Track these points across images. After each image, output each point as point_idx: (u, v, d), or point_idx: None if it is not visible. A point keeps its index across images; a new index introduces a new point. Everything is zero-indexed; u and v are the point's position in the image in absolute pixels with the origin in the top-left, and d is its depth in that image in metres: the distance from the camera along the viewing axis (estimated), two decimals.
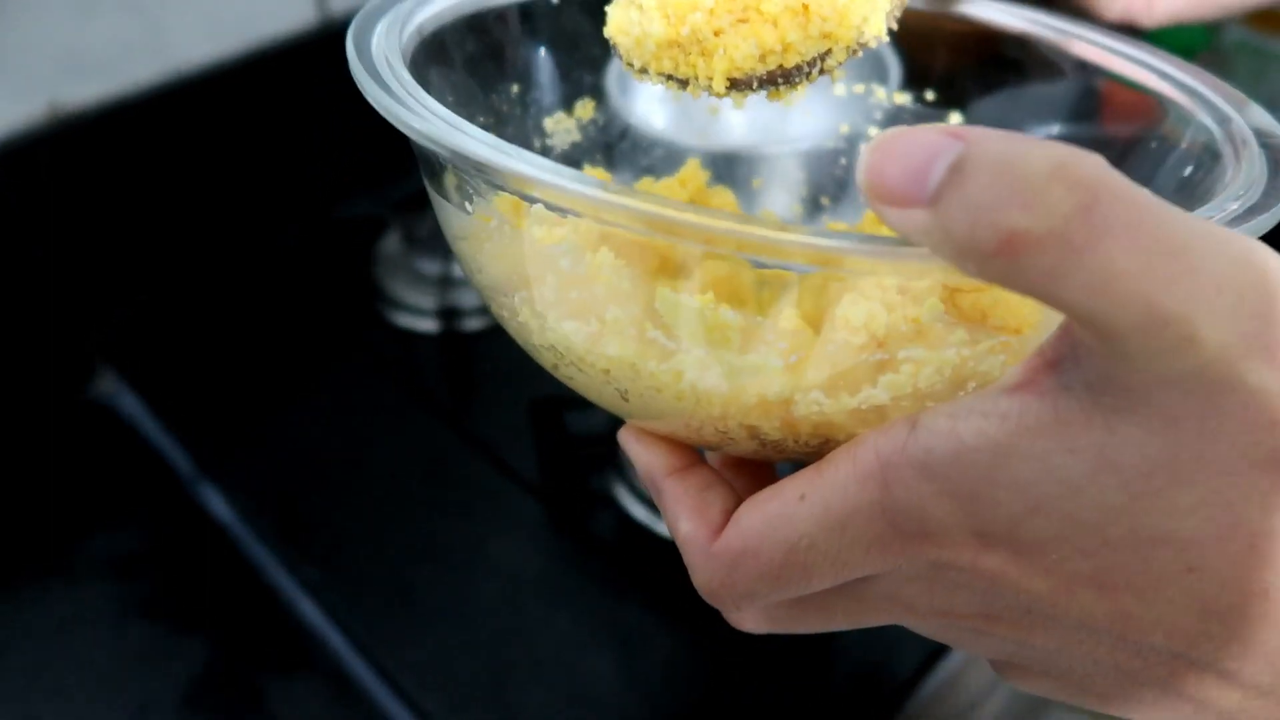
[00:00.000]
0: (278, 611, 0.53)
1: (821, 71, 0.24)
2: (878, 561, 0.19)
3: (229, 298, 0.70)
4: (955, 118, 0.36)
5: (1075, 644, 0.19)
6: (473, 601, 0.52)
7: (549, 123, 0.36)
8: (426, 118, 0.21)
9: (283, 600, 0.53)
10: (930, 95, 0.37)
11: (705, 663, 0.49)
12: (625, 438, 0.25)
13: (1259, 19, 0.76)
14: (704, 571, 0.21)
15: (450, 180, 0.25)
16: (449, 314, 0.65)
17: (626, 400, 0.23)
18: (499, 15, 0.33)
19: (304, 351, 0.66)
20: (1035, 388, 0.18)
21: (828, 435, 0.21)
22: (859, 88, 0.38)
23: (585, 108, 0.38)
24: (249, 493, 0.57)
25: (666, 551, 0.53)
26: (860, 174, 0.17)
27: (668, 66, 0.24)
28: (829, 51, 0.23)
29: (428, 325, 0.67)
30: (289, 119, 0.72)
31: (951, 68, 0.36)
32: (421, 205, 0.71)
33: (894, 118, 0.38)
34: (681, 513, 0.22)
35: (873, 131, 0.39)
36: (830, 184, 0.41)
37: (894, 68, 0.38)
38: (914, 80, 0.38)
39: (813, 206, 0.41)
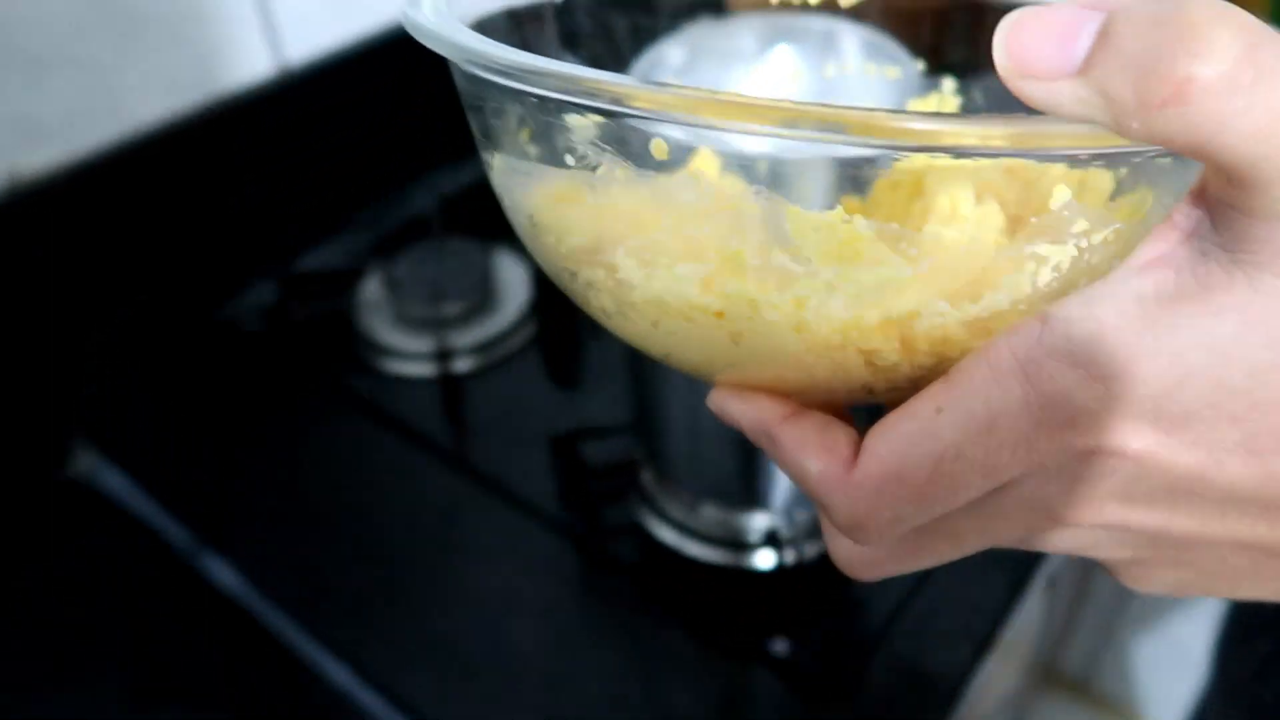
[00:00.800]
0: (304, 678, 0.51)
1: None
2: (1024, 460, 0.19)
3: (207, 360, 0.68)
4: (949, 82, 0.36)
5: (1216, 520, 0.19)
6: (508, 643, 0.50)
7: None
8: (535, 58, 0.20)
9: (308, 666, 0.51)
10: (921, 66, 0.37)
11: (749, 683, 0.49)
12: (723, 398, 0.24)
13: None
14: (845, 504, 0.21)
15: (538, 136, 0.24)
16: (442, 356, 0.64)
17: (737, 344, 0.22)
18: (532, 12, 0.32)
19: (294, 407, 0.64)
20: (1169, 261, 0.18)
21: (943, 353, 0.21)
22: (833, 69, 0.38)
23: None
24: (256, 558, 0.55)
25: (699, 573, 0.52)
26: (998, 52, 0.18)
27: None
28: None
29: (420, 369, 0.65)
30: (251, 172, 0.70)
31: (937, 38, 0.37)
32: (399, 248, 0.70)
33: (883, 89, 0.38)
34: (807, 454, 0.21)
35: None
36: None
37: (894, 46, 0.39)
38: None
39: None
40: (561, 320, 0.51)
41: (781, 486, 0.50)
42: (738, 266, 0.21)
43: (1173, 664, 1.10)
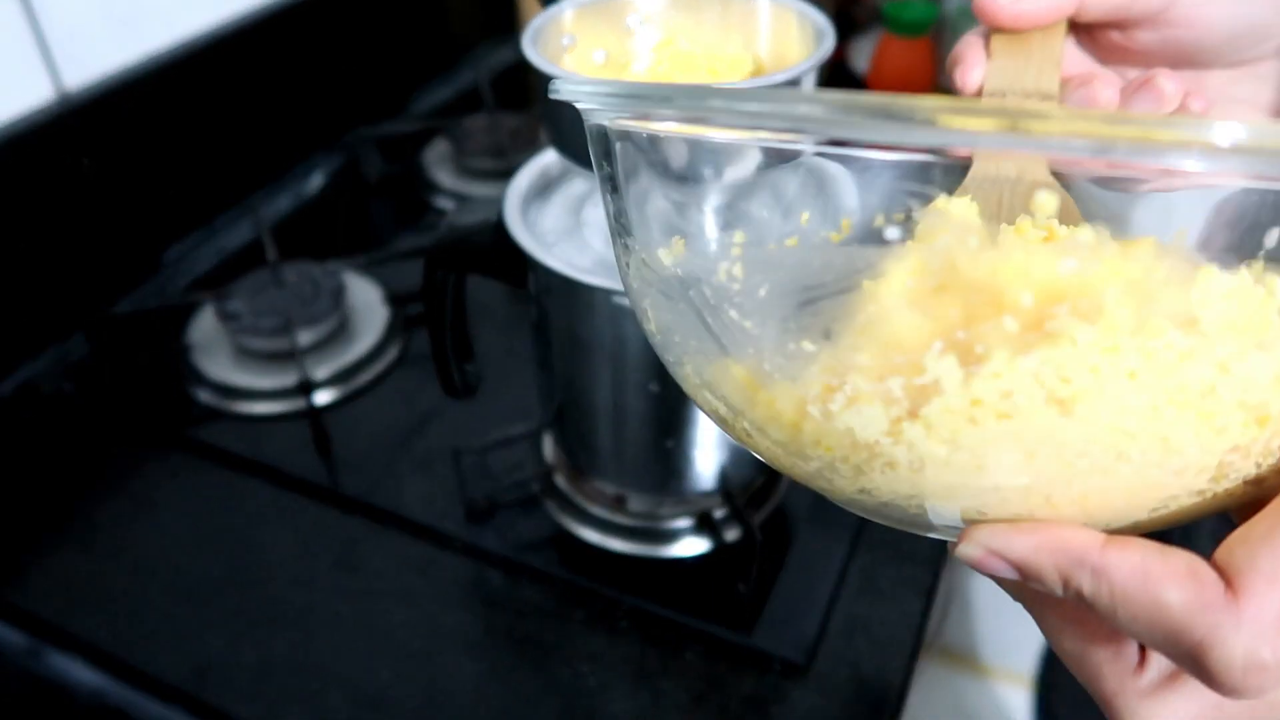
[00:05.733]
0: None
1: None
2: None
3: (7, 439, 0.57)
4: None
5: None
6: (441, 686, 0.45)
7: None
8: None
9: None
10: None
11: (703, 673, 0.46)
12: (991, 535, 0.20)
13: None
14: (1241, 640, 0.17)
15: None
16: (304, 389, 0.57)
17: (1030, 460, 0.19)
18: None
19: (135, 473, 0.55)
20: None
21: (1247, 482, 0.20)
22: None
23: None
24: (120, 649, 0.47)
25: (631, 569, 0.49)
26: None
27: None
28: None
29: (275, 407, 0.58)
30: (40, 210, 0.61)
31: None
32: (226, 280, 0.63)
33: None
34: (1164, 583, 0.18)
35: None
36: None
37: None
38: None
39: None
40: (454, 331, 0.47)
41: (706, 469, 0.48)
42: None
43: (1015, 611, 1.16)
